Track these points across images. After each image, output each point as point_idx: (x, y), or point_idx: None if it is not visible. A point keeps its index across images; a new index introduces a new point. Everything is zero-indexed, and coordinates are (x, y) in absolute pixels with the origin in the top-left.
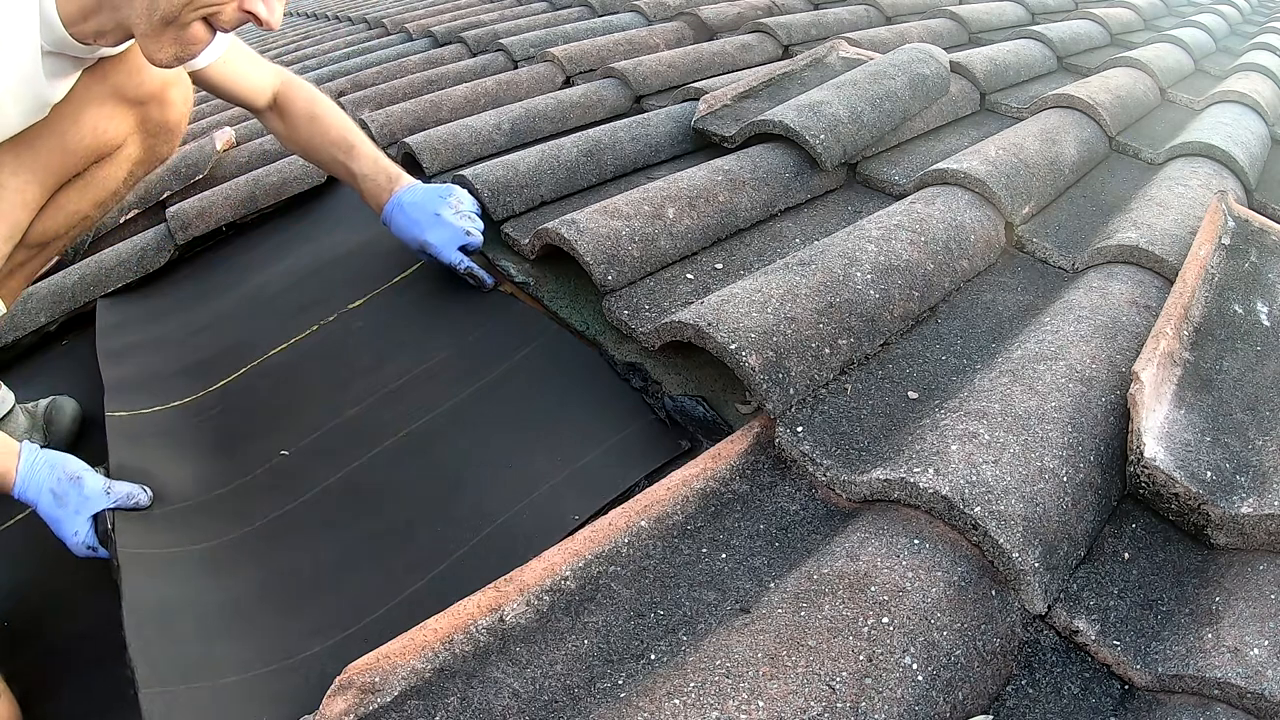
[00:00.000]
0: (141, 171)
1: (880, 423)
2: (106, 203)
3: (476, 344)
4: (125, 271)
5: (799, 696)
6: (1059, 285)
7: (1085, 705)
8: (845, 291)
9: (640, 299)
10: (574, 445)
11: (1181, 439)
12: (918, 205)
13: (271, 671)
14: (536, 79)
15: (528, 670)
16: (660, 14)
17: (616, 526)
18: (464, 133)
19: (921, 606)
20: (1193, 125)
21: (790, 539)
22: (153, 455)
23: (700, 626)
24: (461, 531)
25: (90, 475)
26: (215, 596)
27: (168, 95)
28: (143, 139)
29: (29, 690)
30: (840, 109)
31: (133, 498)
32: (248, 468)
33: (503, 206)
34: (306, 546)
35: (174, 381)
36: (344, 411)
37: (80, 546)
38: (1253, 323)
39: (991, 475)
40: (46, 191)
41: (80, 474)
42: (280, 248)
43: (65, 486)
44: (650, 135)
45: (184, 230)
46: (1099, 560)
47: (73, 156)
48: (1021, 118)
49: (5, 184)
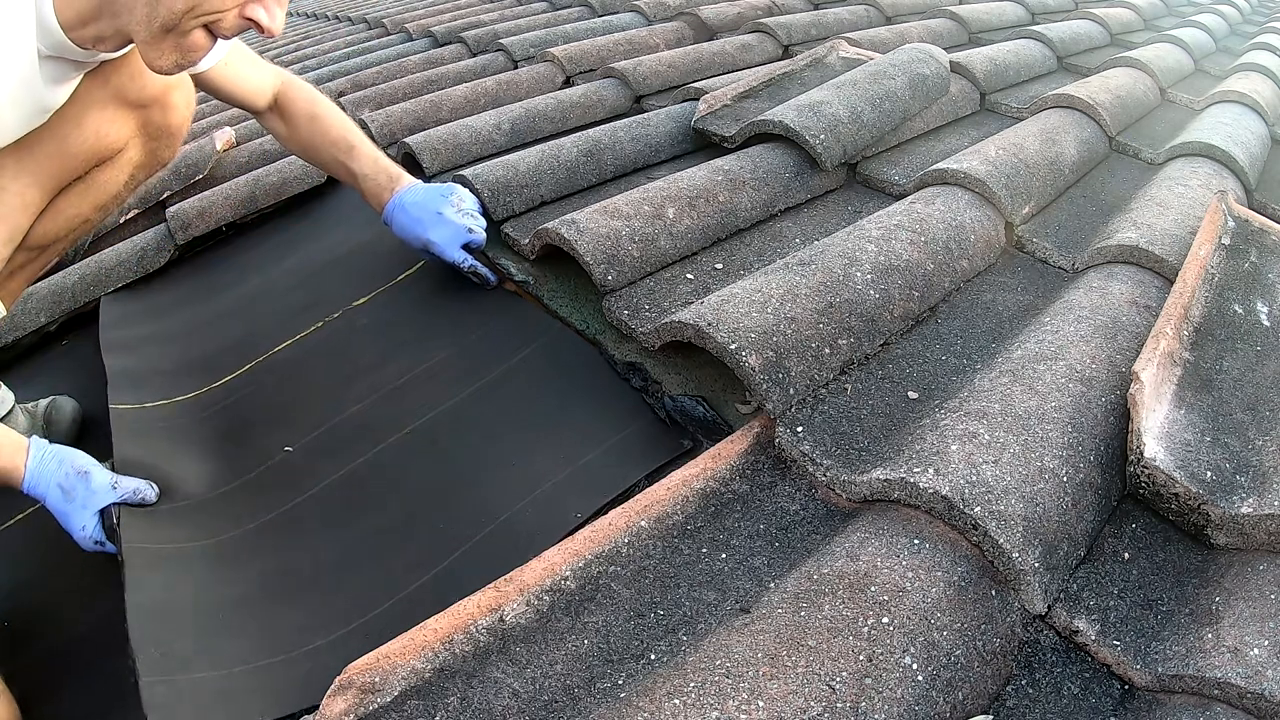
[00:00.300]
0: (143, 175)
1: (880, 423)
2: (107, 206)
3: (478, 343)
4: (125, 271)
5: (799, 696)
6: (1059, 285)
7: (1085, 705)
8: (845, 291)
9: (640, 299)
10: (575, 445)
11: (1181, 439)
12: (918, 205)
13: (272, 664)
14: (536, 79)
15: (528, 670)
16: (660, 14)
17: (616, 526)
18: (464, 133)
19: (921, 606)
20: (1193, 125)
21: (790, 539)
22: (157, 450)
23: (700, 626)
24: (464, 529)
25: (98, 470)
26: (218, 591)
27: (170, 99)
28: (144, 142)
29: (28, 690)
30: (840, 109)
31: (139, 493)
32: (251, 464)
33: (503, 206)
34: (309, 543)
35: (178, 377)
36: (347, 408)
37: (88, 541)
38: (1253, 323)
39: (991, 475)
40: (47, 195)
41: (88, 469)
42: (282, 246)
43: (73, 481)
44: (650, 135)
45: (184, 230)
46: (1099, 560)
47: (74, 160)
48: (1021, 118)
49: (6, 187)
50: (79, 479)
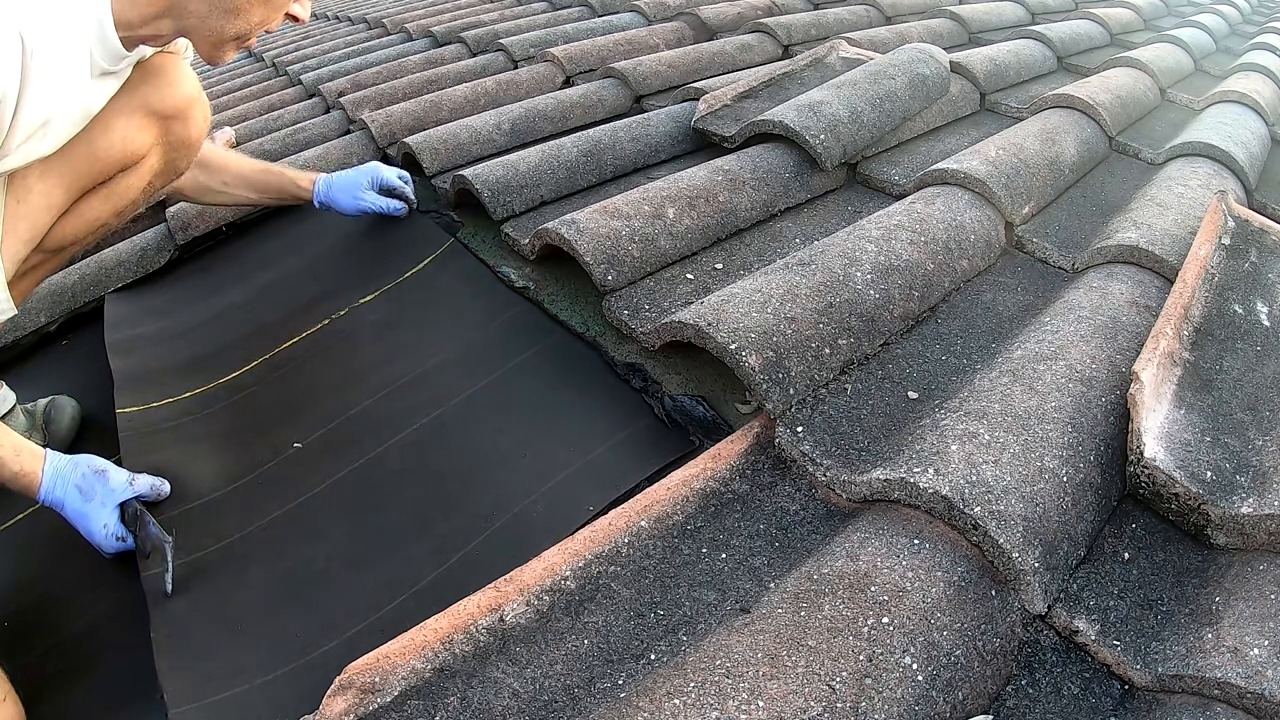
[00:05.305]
0: (159, 183)
1: (880, 423)
2: (125, 212)
3: (480, 343)
4: (125, 271)
5: (799, 696)
6: (1059, 285)
7: (1085, 705)
8: (845, 291)
9: (640, 299)
10: (576, 444)
11: (1181, 439)
12: (918, 205)
13: (295, 669)
14: (536, 79)
15: (528, 670)
16: (660, 14)
17: (616, 526)
18: (464, 133)
19: (921, 606)
20: (1193, 125)
21: (790, 539)
22: (165, 451)
23: (700, 626)
24: (472, 524)
25: (114, 469)
26: (233, 596)
27: (191, 113)
28: (164, 152)
29: (29, 690)
30: (840, 109)
31: (155, 489)
32: (263, 459)
33: (503, 206)
34: (320, 540)
35: (183, 374)
36: (357, 403)
37: (110, 539)
38: (1253, 323)
39: (991, 475)
40: (71, 196)
41: (104, 469)
42: (286, 244)
43: (90, 481)
44: (650, 135)
45: (184, 230)
46: (1099, 560)
47: (100, 164)
48: (1021, 118)
49: (32, 187)
50: (96, 478)
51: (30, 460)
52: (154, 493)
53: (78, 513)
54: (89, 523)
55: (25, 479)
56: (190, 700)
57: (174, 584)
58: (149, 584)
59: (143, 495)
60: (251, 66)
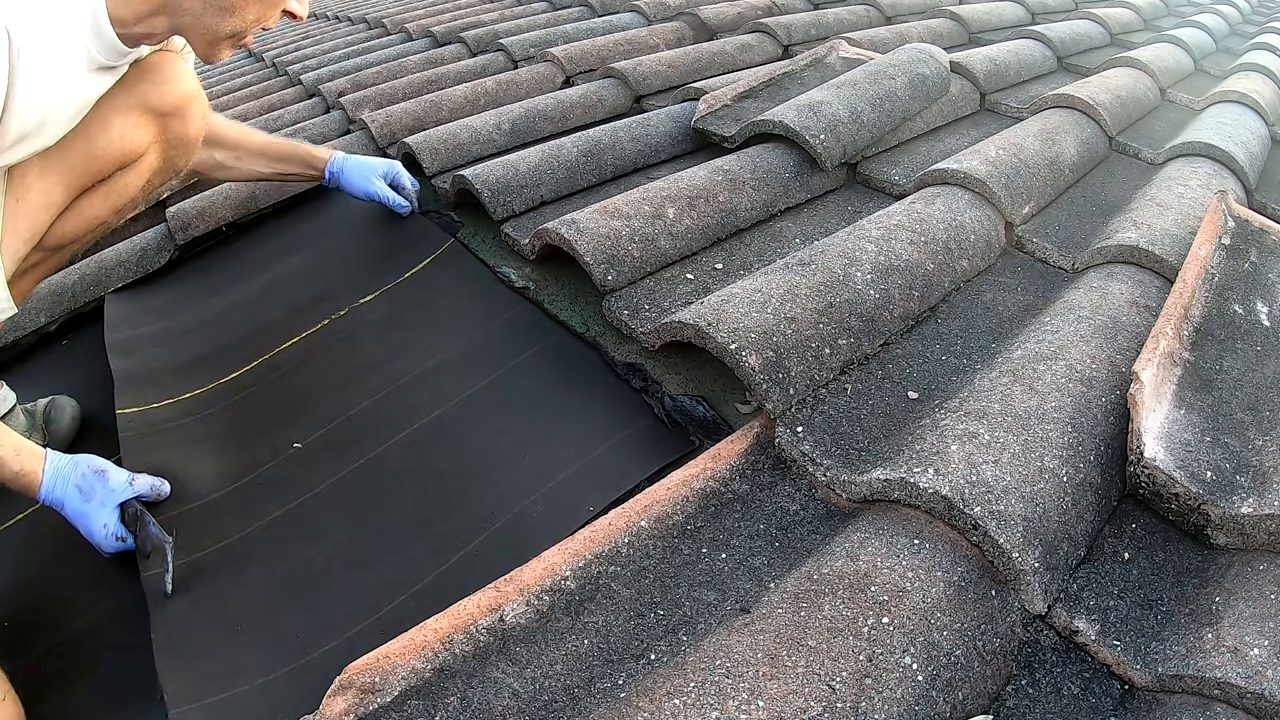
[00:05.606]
0: (158, 181)
1: (880, 423)
2: (124, 210)
3: (480, 343)
4: (125, 271)
5: (799, 696)
6: (1059, 285)
7: (1085, 705)
8: (845, 291)
9: (640, 299)
10: (576, 444)
11: (1181, 439)
12: (918, 205)
13: (291, 671)
14: (536, 79)
15: (528, 670)
16: (660, 14)
17: (616, 526)
18: (464, 133)
19: (921, 606)
20: (1193, 125)
21: (790, 539)
22: (166, 451)
23: (700, 626)
24: (473, 523)
25: (114, 469)
26: (233, 597)
27: (189, 110)
28: (163, 150)
29: (28, 690)
30: (840, 109)
31: (155, 489)
32: (263, 459)
33: (503, 206)
34: (320, 540)
35: (183, 374)
36: (357, 404)
37: (110, 539)
38: (1253, 323)
39: (991, 475)
40: (70, 195)
41: (104, 468)
42: (286, 244)
43: (90, 481)
44: (650, 135)
45: (184, 230)
46: (1099, 560)
47: (99, 162)
48: (1021, 118)
49: (31, 185)
50: (96, 478)
51: (30, 460)
52: (154, 493)
53: (78, 513)
54: (89, 523)
55: (25, 479)
56: (190, 700)
57: (174, 584)
58: (149, 584)
59: (143, 495)
60: (251, 66)
